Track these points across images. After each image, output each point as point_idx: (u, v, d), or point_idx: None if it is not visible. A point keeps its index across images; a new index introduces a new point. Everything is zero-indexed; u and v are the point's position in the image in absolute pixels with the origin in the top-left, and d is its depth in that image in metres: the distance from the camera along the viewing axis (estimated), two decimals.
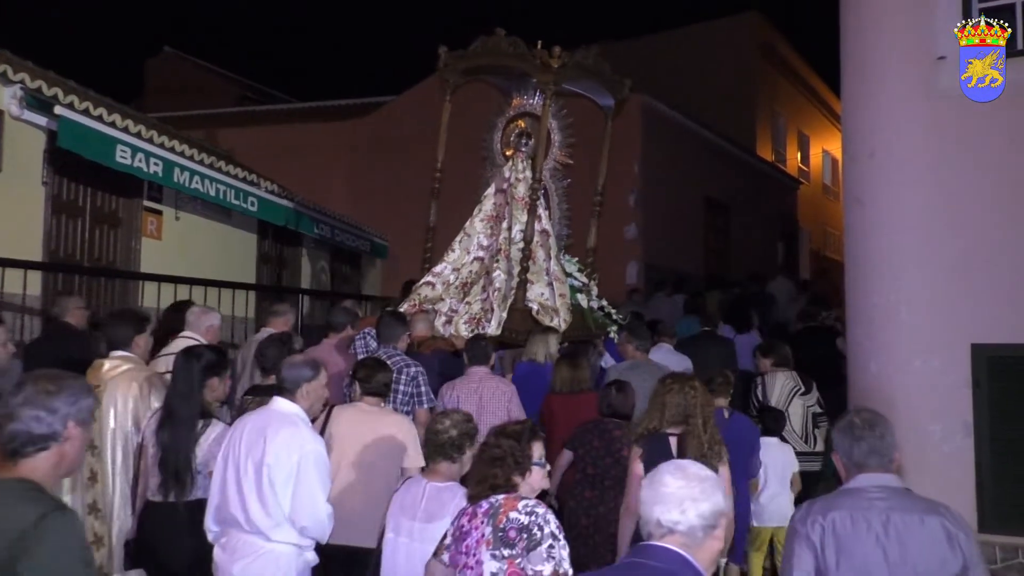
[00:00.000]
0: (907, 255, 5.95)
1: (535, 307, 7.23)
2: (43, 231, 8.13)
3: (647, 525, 2.34)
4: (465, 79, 8.34)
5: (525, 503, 2.91)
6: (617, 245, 13.97)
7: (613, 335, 7.81)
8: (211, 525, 3.74)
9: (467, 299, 7.54)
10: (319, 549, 3.82)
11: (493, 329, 7.06)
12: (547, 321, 7.12)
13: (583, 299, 7.91)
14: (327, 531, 3.72)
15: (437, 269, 7.80)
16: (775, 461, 5.93)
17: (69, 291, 7.77)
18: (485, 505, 2.98)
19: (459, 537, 2.98)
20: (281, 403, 3.77)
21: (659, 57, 19.60)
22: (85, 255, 8.75)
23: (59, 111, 7.64)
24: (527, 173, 7.87)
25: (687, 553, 2.28)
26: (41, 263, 7.94)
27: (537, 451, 3.16)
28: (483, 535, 2.88)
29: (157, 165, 8.68)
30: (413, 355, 6.01)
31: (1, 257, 6.99)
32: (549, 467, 3.31)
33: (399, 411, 5.19)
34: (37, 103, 7.71)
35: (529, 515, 2.86)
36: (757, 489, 5.88)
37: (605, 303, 8.28)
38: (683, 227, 16.37)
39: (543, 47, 7.58)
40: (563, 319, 7.28)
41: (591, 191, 8.69)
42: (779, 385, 6.59)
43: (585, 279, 8.13)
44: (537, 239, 7.59)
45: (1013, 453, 5.55)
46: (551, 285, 7.49)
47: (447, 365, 6.28)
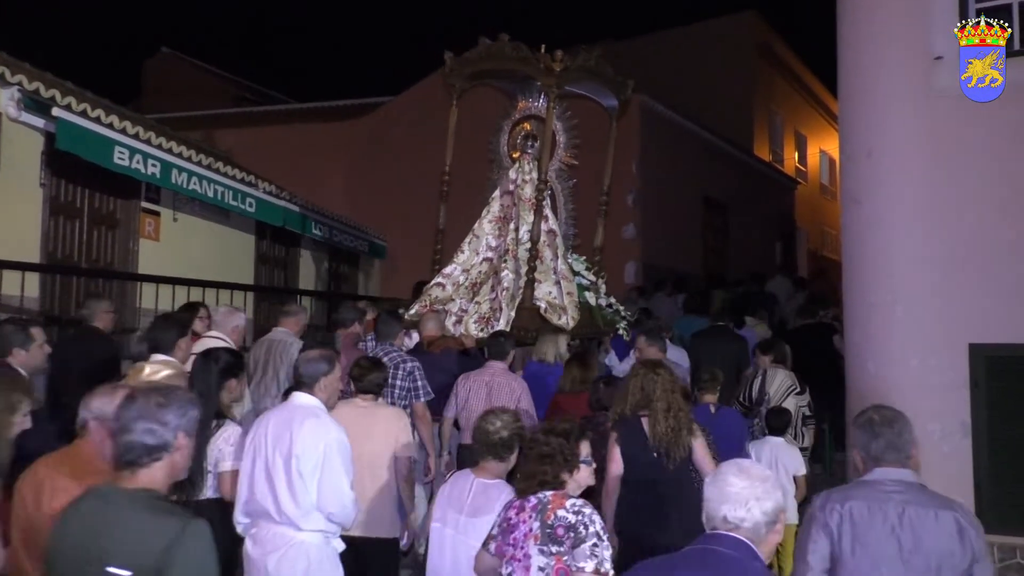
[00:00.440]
0: (905, 255, 5.95)
1: (543, 305, 7.40)
2: (41, 233, 8.12)
3: (712, 521, 2.51)
4: (471, 84, 8.49)
5: (572, 502, 3.05)
6: (616, 245, 13.95)
7: (622, 331, 8.04)
8: (240, 518, 3.88)
9: (476, 299, 7.70)
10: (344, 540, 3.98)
11: (502, 328, 7.16)
12: (555, 319, 7.30)
13: (591, 297, 8.07)
14: (351, 516, 3.87)
15: (447, 270, 7.97)
16: (781, 462, 5.90)
17: (97, 295, 7.88)
18: (533, 500, 3.10)
19: (506, 529, 3.10)
20: (302, 397, 3.93)
21: (656, 57, 19.58)
22: (83, 256, 8.73)
23: (57, 112, 7.63)
24: (533, 175, 8.01)
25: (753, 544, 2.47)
26: (39, 265, 7.93)
27: (584, 449, 3.31)
28: (531, 530, 3.01)
29: (155, 166, 8.67)
30: (423, 353, 6.26)
31: None
32: (595, 465, 3.43)
33: (397, 405, 5.42)
34: (35, 105, 7.71)
35: (576, 514, 2.99)
36: None
37: (613, 300, 8.42)
38: (682, 227, 16.36)
39: (546, 51, 7.71)
40: (571, 317, 7.47)
41: (596, 191, 8.81)
42: (779, 381, 6.73)
43: (593, 277, 8.28)
44: (544, 239, 7.74)
45: (1011, 453, 5.56)
46: (559, 284, 7.67)
47: (455, 363, 6.43)
